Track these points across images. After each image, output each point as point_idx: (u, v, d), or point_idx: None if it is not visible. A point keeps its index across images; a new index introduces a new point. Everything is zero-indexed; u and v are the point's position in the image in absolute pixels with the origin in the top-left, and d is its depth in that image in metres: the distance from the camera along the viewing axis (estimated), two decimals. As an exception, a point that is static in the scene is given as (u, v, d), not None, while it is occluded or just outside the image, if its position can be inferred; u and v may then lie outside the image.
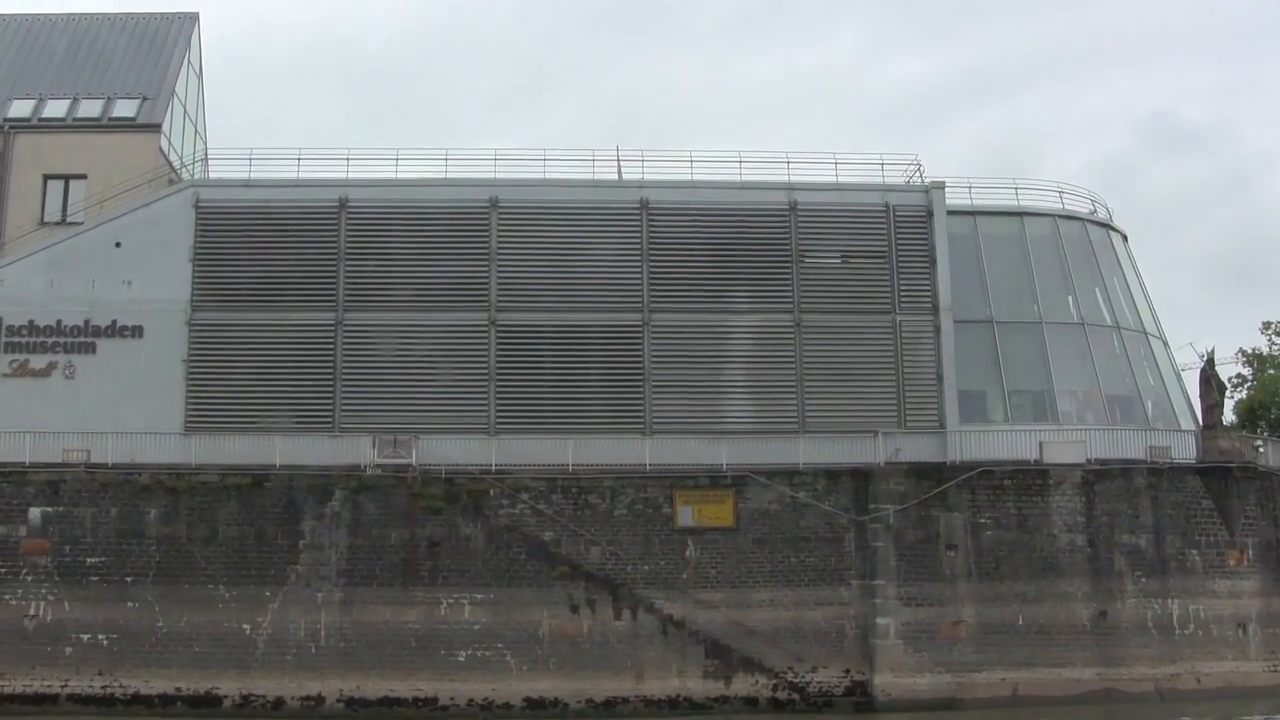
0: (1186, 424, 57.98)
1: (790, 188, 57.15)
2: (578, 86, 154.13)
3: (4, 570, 49.87)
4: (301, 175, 57.06)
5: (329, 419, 54.20)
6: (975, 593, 50.89)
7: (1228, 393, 75.22)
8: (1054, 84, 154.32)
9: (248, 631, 49.44)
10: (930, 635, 50.30)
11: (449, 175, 57.47)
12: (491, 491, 51.21)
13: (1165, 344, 61.38)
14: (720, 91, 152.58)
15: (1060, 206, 60.50)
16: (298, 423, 53.69)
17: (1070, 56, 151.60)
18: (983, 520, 51.57)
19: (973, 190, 59.27)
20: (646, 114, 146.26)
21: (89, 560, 50.11)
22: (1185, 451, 54.52)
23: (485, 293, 55.46)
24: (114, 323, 54.90)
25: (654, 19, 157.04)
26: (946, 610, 50.63)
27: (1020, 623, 50.52)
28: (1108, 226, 61.94)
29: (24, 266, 55.73)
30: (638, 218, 56.37)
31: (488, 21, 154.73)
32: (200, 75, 73.76)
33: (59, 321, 54.83)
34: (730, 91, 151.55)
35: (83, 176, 63.13)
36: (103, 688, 48.58)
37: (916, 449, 53.58)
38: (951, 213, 57.54)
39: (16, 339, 54.72)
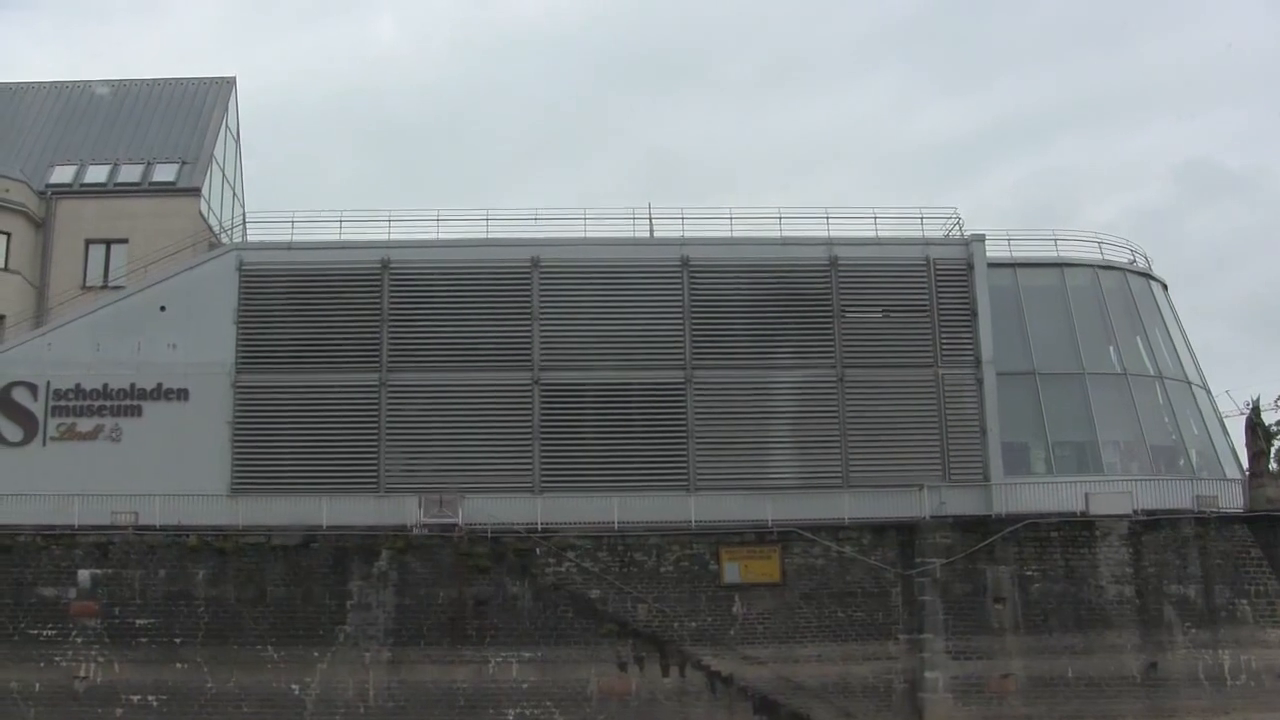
0: (1232, 472, 57.64)
1: (830, 243, 57.30)
2: (608, 142, 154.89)
3: (54, 632, 50.01)
4: (343, 237, 57.52)
5: (374, 479, 54.32)
6: (1024, 645, 50.60)
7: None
8: (1089, 132, 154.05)
9: (296, 692, 49.42)
10: (979, 689, 50.00)
11: (490, 235, 57.85)
12: (538, 550, 51.30)
13: (1208, 392, 61.01)
14: (751, 145, 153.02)
15: (1100, 257, 60.40)
16: (343, 483, 53.81)
17: (1105, 105, 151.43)
18: (1030, 572, 51.35)
19: (1012, 242, 59.34)
20: (679, 168, 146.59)
21: (138, 622, 50.26)
22: (1232, 500, 54.18)
23: (528, 352, 55.64)
24: (159, 385, 55.20)
25: (683, 74, 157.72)
26: (995, 663, 50.35)
27: (1070, 675, 50.16)
28: (1148, 276, 61.76)
29: (70, 331, 56.12)
30: (679, 275, 56.56)
31: (518, 80, 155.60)
32: (237, 139, 74.49)
33: (105, 385, 55.14)
34: (761, 145, 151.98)
35: (124, 241, 63.83)
36: (153, 749, 48.72)
37: (961, 502, 53.45)
38: (991, 265, 57.63)
39: (63, 403, 55.02)
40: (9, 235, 63.40)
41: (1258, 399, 58.73)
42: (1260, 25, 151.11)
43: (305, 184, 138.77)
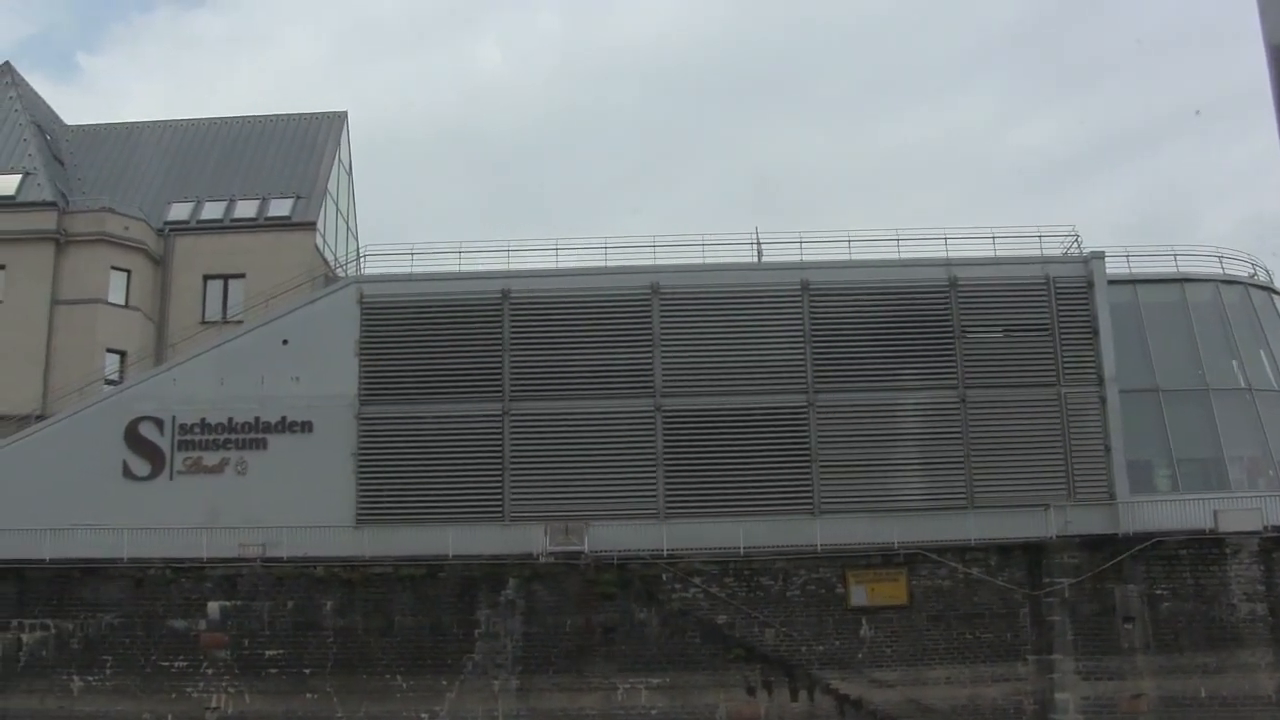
0: (1363, 486, 56.81)
1: (949, 264, 57.07)
2: (711, 164, 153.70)
3: (185, 664, 50.64)
4: (462, 268, 57.91)
5: (499, 508, 54.48)
6: (1155, 665, 50.03)
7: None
8: (1202, 139, 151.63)
9: (426, 721, 49.75)
10: (1110, 709, 49.52)
11: (609, 263, 57.97)
12: (664, 576, 51.31)
13: (1335, 405, 60.19)
14: (855, 162, 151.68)
15: (1220, 271, 59.74)
16: (468, 512, 53.92)
17: (1218, 110, 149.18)
18: (1159, 591, 50.79)
19: (1131, 258, 58.63)
20: (783, 188, 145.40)
21: (267, 653, 50.77)
22: (1363, 514, 53.30)
23: (650, 378, 55.74)
24: (283, 418, 55.73)
25: (784, 94, 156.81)
26: (1126, 684, 49.81)
27: (1203, 694, 49.50)
28: (1269, 289, 60.94)
29: (194, 366, 56.81)
30: (799, 299, 56.46)
31: (619, 104, 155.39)
32: (350, 172, 75.25)
33: (230, 419, 55.74)
34: (865, 161, 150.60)
35: (241, 276, 64.71)
36: (286, 779, 49.17)
37: (1086, 521, 52.84)
38: (1111, 282, 57.11)
39: (189, 437, 55.66)
40: (129, 272, 64.41)
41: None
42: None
43: (416, 214, 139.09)
